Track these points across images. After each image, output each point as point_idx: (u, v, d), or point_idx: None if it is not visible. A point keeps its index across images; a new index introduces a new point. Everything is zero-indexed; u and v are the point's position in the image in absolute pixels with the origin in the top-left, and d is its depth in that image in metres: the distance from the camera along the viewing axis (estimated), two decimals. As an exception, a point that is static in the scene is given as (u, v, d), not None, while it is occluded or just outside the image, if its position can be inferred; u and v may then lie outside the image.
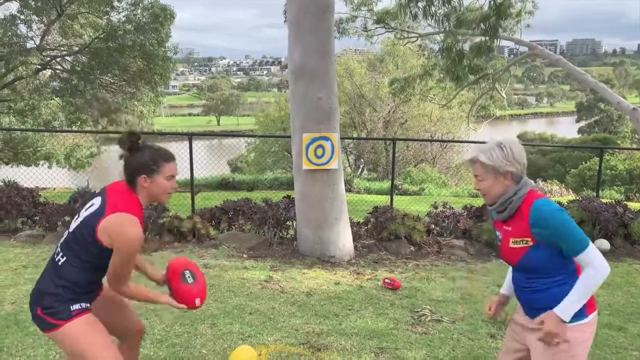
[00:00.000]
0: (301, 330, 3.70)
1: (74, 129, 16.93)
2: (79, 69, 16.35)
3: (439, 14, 11.62)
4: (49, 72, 17.25)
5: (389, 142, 21.38)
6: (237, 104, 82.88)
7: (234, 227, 6.42)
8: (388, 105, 24.57)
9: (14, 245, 5.74)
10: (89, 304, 2.15)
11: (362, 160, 26.00)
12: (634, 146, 31.72)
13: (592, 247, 1.90)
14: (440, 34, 13.25)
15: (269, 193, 10.62)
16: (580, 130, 49.55)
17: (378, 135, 24.05)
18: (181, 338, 3.49)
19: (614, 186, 16.16)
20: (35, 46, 15.67)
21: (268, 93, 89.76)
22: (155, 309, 3.95)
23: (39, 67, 15.93)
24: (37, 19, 15.81)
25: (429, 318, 4.02)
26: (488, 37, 11.63)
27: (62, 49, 16.70)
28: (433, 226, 6.66)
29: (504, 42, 13.26)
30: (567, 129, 56.30)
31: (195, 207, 7.07)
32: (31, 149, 16.80)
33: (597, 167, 13.06)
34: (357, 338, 3.62)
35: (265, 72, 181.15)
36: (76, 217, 2.14)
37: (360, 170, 25.41)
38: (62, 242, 2.13)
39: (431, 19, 11.80)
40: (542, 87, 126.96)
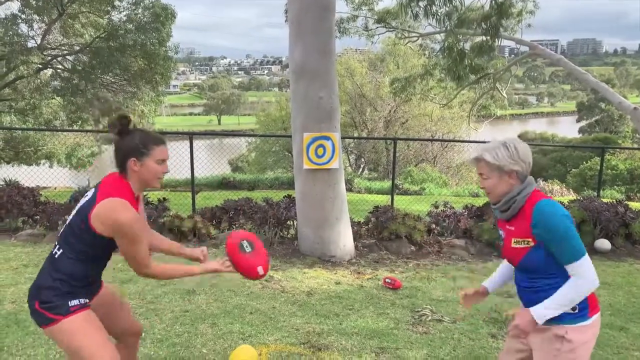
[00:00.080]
0: (302, 330, 3.70)
1: (75, 128, 16.94)
2: (80, 68, 16.35)
3: (440, 14, 11.61)
4: (50, 71, 17.26)
5: (389, 142, 21.37)
6: (238, 103, 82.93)
7: (234, 227, 6.42)
8: (389, 104, 24.56)
9: (14, 244, 5.75)
10: (88, 299, 2.13)
11: (362, 160, 25.98)
12: (634, 146, 31.71)
13: (587, 258, 1.88)
14: (441, 34, 13.24)
15: (270, 192, 10.62)
16: (581, 130, 49.50)
17: (379, 135, 24.03)
18: (181, 337, 3.49)
19: (615, 186, 16.13)
20: (36, 45, 15.67)
21: (269, 92, 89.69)
22: (156, 308, 3.95)
23: (40, 66, 15.94)
24: (38, 18, 15.81)
25: (429, 318, 4.02)
26: (489, 37, 11.61)
27: (63, 48, 16.70)
28: (434, 226, 6.66)
29: (505, 42, 13.25)
30: (568, 128, 56.25)
31: (196, 206, 7.08)
32: (32, 148, 16.81)
33: (597, 166, 13.04)
34: (357, 338, 3.62)
35: (266, 71, 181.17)
36: (73, 211, 2.15)
37: (361, 170, 25.40)
38: (59, 236, 2.13)
39: (432, 18, 11.79)
40: (542, 86, 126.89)
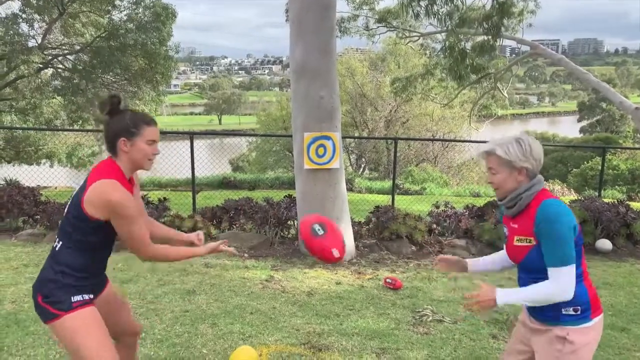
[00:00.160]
0: (302, 330, 3.69)
1: (76, 127, 16.94)
2: (80, 67, 16.35)
3: (441, 13, 11.59)
4: (50, 70, 17.26)
5: (390, 142, 21.36)
6: (239, 103, 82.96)
7: (235, 227, 6.42)
8: (389, 104, 24.53)
9: (15, 244, 5.74)
10: (92, 295, 2.11)
11: (363, 160, 25.97)
12: (636, 146, 31.68)
13: (571, 269, 1.86)
14: (442, 33, 13.22)
15: (271, 192, 10.61)
16: (582, 130, 49.47)
17: (379, 135, 24.01)
18: (182, 338, 3.48)
19: (616, 186, 16.12)
20: (36, 45, 15.67)
21: (270, 92, 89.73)
22: (156, 308, 3.95)
23: (41, 65, 15.94)
24: (38, 17, 15.80)
25: (430, 318, 4.00)
26: (491, 37, 11.60)
27: (64, 47, 16.70)
28: (434, 226, 6.65)
29: (506, 42, 13.23)
30: (569, 128, 56.21)
31: (197, 206, 7.07)
32: (33, 147, 16.82)
33: (599, 166, 13.02)
34: (358, 338, 3.61)
35: (266, 71, 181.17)
36: (69, 202, 2.14)
37: (361, 170, 25.39)
38: (59, 229, 2.12)
39: (433, 17, 11.77)
40: (543, 86, 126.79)
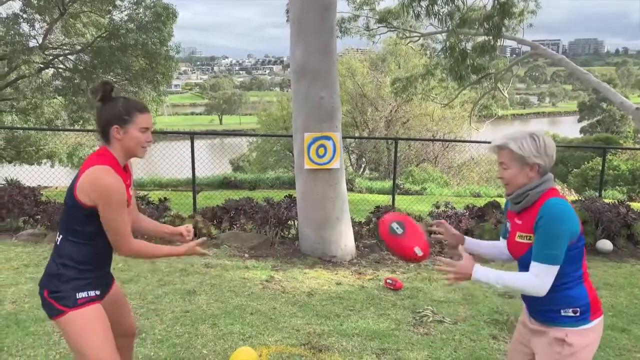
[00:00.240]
0: (302, 331, 3.69)
1: (77, 127, 16.95)
2: (81, 67, 16.36)
3: (441, 13, 11.58)
4: (51, 71, 17.27)
5: (390, 142, 21.35)
6: (240, 103, 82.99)
7: (235, 227, 6.41)
8: (390, 104, 24.53)
9: (15, 244, 5.74)
10: (98, 292, 2.09)
11: (363, 160, 25.97)
12: (636, 146, 31.65)
13: (555, 269, 1.86)
14: (443, 34, 13.22)
15: (271, 192, 10.61)
16: (583, 130, 49.43)
17: (380, 135, 24.01)
18: (182, 338, 3.48)
19: (617, 186, 16.10)
20: (37, 45, 15.68)
21: (270, 92, 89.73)
22: (156, 309, 3.95)
23: (42, 65, 15.95)
24: (39, 17, 15.81)
25: (430, 319, 4.00)
26: (491, 37, 11.59)
27: (65, 47, 16.70)
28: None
29: (507, 42, 13.22)
30: (570, 128, 56.13)
31: (197, 206, 7.08)
32: (34, 147, 16.83)
33: (599, 167, 13.01)
34: (358, 339, 3.61)
35: (267, 71, 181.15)
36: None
37: (362, 170, 25.39)
38: (58, 223, 2.11)
39: (434, 18, 11.75)
40: (544, 86, 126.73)
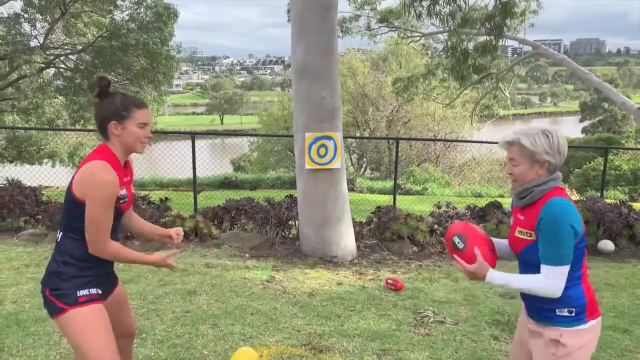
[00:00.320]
0: (303, 332, 3.68)
1: (78, 127, 16.96)
2: (82, 67, 16.36)
3: (443, 13, 11.56)
4: (52, 70, 17.28)
5: (391, 142, 21.33)
6: (241, 103, 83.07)
7: (236, 227, 6.41)
8: (391, 104, 24.52)
9: (16, 244, 5.74)
10: (99, 290, 2.08)
11: (364, 160, 25.95)
12: (638, 146, 31.59)
13: (565, 269, 1.85)
14: (444, 33, 13.20)
15: (272, 192, 10.61)
16: (584, 130, 49.39)
17: (381, 135, 23.99)
18: (182, 339, 3.47)
19: (618, 187, 16.09)
20: (39, 45, 15.68)
21: (271, 92, 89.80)
22: (157, 309, 3.94)
23: (43, 65, 15.96)
24: (40, 17, 15.82)
25: (431, 319, 3.99)
26: (493, 37, 11.57)
27: (66, 47, 16.71)
28: (436, 226, 6.63)
29: (508, 42, 13.16)
30: (571, 128, 56.04)
31: (198, 206, 7.07)
32: (35, 147, 16.85)
33: (601, 167, 12.99)
34: (359, 339, 3.60)
35: (268, 71, 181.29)
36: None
37: (363, 170, 25.37)
38: (59, 221, 2.11)
39: (435, 18, 11.73)
40: (545, 86, 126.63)
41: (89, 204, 1.96)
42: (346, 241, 5.66)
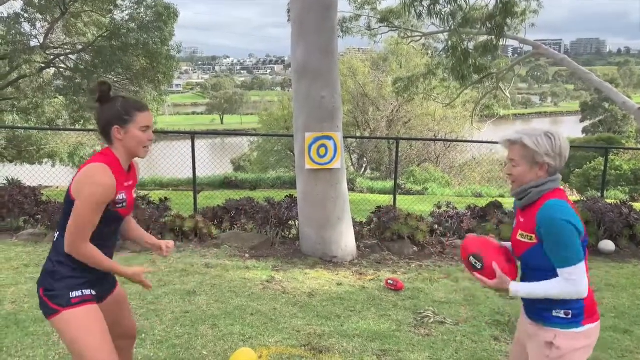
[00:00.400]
0: (303, 332, 3.67)
1: (78, 127, 16.96)
2: (82, 67, 16.36)
3: (444, 13, 11.55)
4: (52, 70, 17.29)
5: (392, 142, 21.32)
6: (241, 102, 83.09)
7: (236, 227, 6.40)
8: (391, 104, 24.51)
9: (15, 243, 5.73)
10: (94, 292, 2.06)
11: (365, 160, 25.94)
12: (638, 146, 31.58)
13: (580, 267, 1.83)
14: (445, 33, 13.18)
15: (272, 192, 10.60)
16: (585, 130, 49.36)
17: (381, 135, 23.98)
18: (182, 339, 3.47)
19: (619, 187, 16.08)
20: (39, 44, 15.68)
21: (271, 92, 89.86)
22: (156, 309, 3.93)
23: (43, 65, 15.96)
24: (40, 17, 15.82)
25: (432, 320, 3.98)
26: (494, 37, 11.56)
27: (66, 47, 16.71)
28: (436, 226, 6.62)
29: (509, 41, 13.14)
30: (572, 128, 55.99)
31: (198, 206, 7.06)
32: (35, 147, 16.85)
33: (601, 167, 12.98)
34: (359, 340, 3.59)
35: (268, 71, 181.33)
36: None
37: (363, 170, 25.36)
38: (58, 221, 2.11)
39: (436, 17, 11.72)
40: (546, 86, 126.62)
41: (77, 203, 1.95)
42: (346, 241, 5.65)
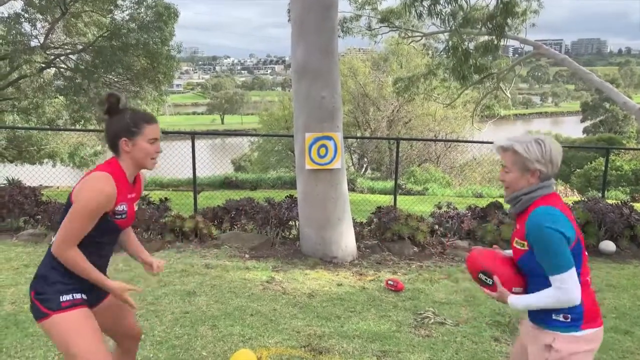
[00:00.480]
0: (302, 333, 3.66)
1: (78, 127, 16.95)
2: (82, 67, 16.35)
3: (444, 13, 11.55)
4: (53, 70, 17.27)
5: (392, 142, 21.32)
6: (241, 102, 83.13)
7: (236, 227, 6.39)
8: (392, 104, 24.49)
9: (15, 244, 5.73)
10: (84, 295, 2.05)
11: (365, 160, 25.93)
12: (639, 146, 31.55)
13: (570, 273, 1.82)
14: (445, 33, 13.17)
15: (272, 192, 10.59)
16: (585, 130, 49.39)
17: (382, 135, 23.97)
18: (181, 340, 3.46)
19: (620, 187, 16.06)
20: (39, 45, 15.67)
21: (272, 92, 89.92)
22: (156, 310, 3.92)
23: (43, 65, 15.95)
24: (41, 17, 15.81)
25: (432, 320, 3.97)
26: (495, 37, 11.55)
27: (66, 47, 16.70)
28: (437, 227, 6.61)
29: (509, 42, 13.15)
30: (572, 128, 56.05)
31: (198, 206, 7.05)
32: (35, 147, 16.85)
33: (602, 167, 12.96)
34: (359, 341, 3.58)
35: (269, 71, 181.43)
36: None
37: (363, 170, 25.35)
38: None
39: (436, 17, 11.72)
40: (547, 86, 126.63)
41: (74, 206, 1.95)
42: (346, 242, 5.64)
